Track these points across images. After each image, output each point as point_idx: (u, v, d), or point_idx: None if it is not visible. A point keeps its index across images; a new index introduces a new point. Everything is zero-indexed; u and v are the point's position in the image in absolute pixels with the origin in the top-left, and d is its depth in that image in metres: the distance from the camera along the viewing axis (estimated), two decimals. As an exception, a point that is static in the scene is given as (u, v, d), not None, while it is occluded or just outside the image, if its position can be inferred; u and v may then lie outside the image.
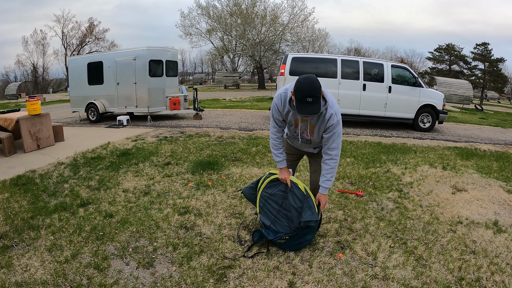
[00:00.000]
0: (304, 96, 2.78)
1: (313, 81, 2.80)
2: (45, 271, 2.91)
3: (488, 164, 6.90)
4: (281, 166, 3.39)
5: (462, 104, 25.75)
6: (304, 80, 2.81)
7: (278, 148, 3.39)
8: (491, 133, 12.23)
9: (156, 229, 3.71)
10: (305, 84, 2.79)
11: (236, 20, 43.76)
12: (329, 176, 3.21)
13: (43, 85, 58.94)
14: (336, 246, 3.44)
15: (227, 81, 44.39)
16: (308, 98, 2.78)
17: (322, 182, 3.26)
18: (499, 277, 2.96)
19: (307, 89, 2.77)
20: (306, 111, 2.84)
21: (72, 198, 4.61)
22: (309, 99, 2.78)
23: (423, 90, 11.15)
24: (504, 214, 4.43)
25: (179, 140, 8.50)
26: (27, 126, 7.50)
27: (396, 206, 4.53)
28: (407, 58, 67.48)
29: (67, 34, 58.34)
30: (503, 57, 48.80)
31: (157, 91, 12.23)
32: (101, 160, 6.52)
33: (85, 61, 12.89)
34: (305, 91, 2.77)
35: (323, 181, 3.25)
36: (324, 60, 11.52)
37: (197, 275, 2.88)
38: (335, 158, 3.19)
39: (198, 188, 5.00)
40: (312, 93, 2.77)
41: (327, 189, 3.27)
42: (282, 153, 3.39)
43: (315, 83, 2.79)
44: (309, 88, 2.77)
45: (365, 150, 7.71)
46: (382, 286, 2.80)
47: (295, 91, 2.83)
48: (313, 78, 2.82)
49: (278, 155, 3.38)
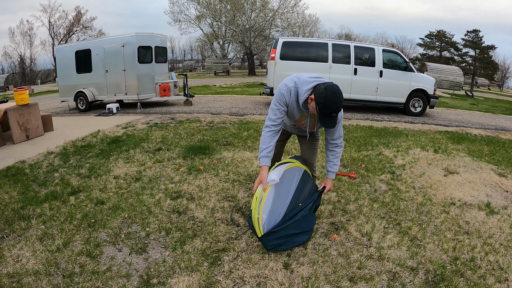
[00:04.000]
0: (331, 112, 2.76)
1: (340, 97, 2.75)
2: (37, 260, 2.87)
3: (479, 148, 6.94)
4: (263, 164, 3.03)
5: (453, 90, 25.89)
6: (333, 96, 2.71)
7: (267, 142, 3.04)
8: (482, 118, 12.32)
9: (148, 215, 3.67)
10: (333, 102, 2.72)
11: (226, 6, 43.24)
12: (335, 161, 3.29)
13: (31, 77, 57.86)
14: (330, 227, 3.43)
15: (217, 68, 44.01)
16: (333, 114, 2.77)
17: (329, 167, 3.31)
18: (493, 257, 2.98)
19: (335, 106, 2.73)
20: (328, 125, 2.86)
21: (62, 186, 4.54)
22: (334, 114, 2.78)
23: (414, 74, 11.14)
24: (496, 196, 4.46)
25: (170, 126, 8.42)
26: (16, 117, 7.35)
27: (389, 188, 4.53)
28: (398, 44, 67.50)
29: (54, 24, 57.17)
30: (494, 44, 49.02)
31: (147, 77, 12.06)
32: (91, 148, 6.44)
33: (73, 49, 12.63)
34: (333, 108, 2.74)
35: (330, 166, 3.30)
36: (315, 44, 11.43)
37: (191, 259, 2.85)
38: (340, 145, 3.28)
39: (190, 173, 4.95)
40: (338, 109, 2.76)
41: (334, 174, 3.32)
42: (270, 151, 3.03)
43: (341, 98, 2.75)
44: (336, 105, 2.73)
45: (356, 134, 7.71)
46: (377, 266, 2.80)
47: (324, 106, 2.73)
48: (339, 92, 2.75)
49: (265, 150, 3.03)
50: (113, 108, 11.43)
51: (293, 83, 2.98)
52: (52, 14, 58.42)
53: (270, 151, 3.04)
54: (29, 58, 59.95)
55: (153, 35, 12.23)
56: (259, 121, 8.96)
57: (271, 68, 11.28)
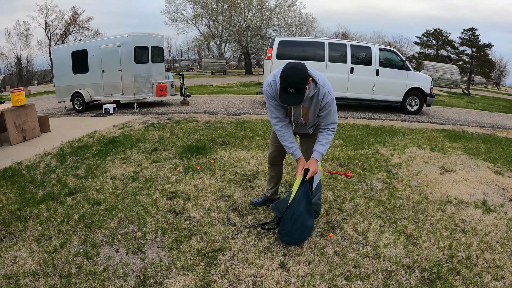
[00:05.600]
0: (287, 86, 2.72)
1: (298, 71, 2.71)
2: (34, 262, 2.86)
3: (475, 146, 6.96)
4: (297, 157, 3.19)
5: (449, 88, 25.95)
6: (289, 70, 2.72)
7: (286, 137, 3.16)
8: (478, 116, 12.35)
9: (145, 215, 3.67)
10: (289, 75, 2.70)
11: (222, 5, 43.21)
12: (324, 142, 3.11)
13: (28, 77, 57.59)
14: (326, 226, 3.44)
15: (214, 67, 43.95)
16: (290, 89, 2.71)
17: (316, 146, 3.13)
18: (489, 255, 2.99)
19: (290, 79, 2.69)
20: (286, 101, 2.80)
21: (59, 187, 4.53)
22: (291, 90, 2.71)
23: (410, 73, 11.17)
24: (492, 194, 4.48)
25: (167, 126, 8.42)
26: (12, 118, 7.34)
27: (385, 186, 4.54)
28: (395, 42, 67.46)
29: (51, 24, 56.97)
30: (491, 43, 49.11)
31: (143, 77, 12.04)
32: (88, 149, 6.43)
33: (69, 49, 12.61)
34: (288, 82, 2.70)
35: (318, 145, 3.13)
36: (312, 43, 11.43)
37: (188, 259, 2.85)
38: (332, 130, 3.15)
39: (187, 173, 4.95)
40: (294, 84, 2.69)
41: (320, 155, 3.11)
42: (292, 142, 3.16)
43: (299, 73, 2.70)
44: (292, 78, 2.69)
45: (353, 132, 7.72)
46: (373, 264, 2.81)
47: (281, 80, 2.75)
48: (299, 68, 2.72)
49: (289, 146, 3.17)
50: (110, 109, 11.41)
51: (272, 76, 3.01)
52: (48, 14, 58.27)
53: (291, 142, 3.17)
54: (25, 58, 59.76)
55: (150, 35, 12.21)
56: (256, 121, 8.96)
57: (268, 68, 11.28)
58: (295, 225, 3.01)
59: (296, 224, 3.01)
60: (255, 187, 4.44)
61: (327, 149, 3.15)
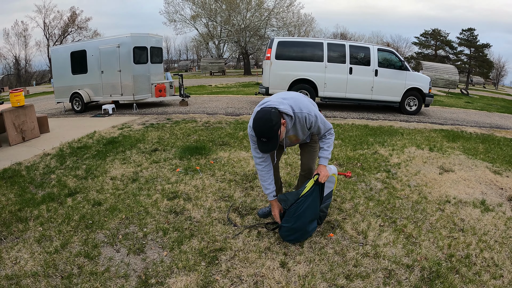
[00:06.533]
0: (259, 136, 2.78)
1: (265, 122, 2.72)
2: (35, 262, 2.87)
3: (474, 146, 6.99)
4: (271, 199, 3.22)
5: (448, 88, 26.01)
6: (258, 121, 2.77)
7: (266, 178, 3.19)
8: (477, 116, 12.38)
9: (145, 215, 3.68)
10: (257, 126, 2.78)
11: (221, 6, 43.21)
12: (326, 147, 3.15)
13: (26, 78, 57.45)
14: (326, 226, 3.46)
15: (212, 68, 44.00)
16: (262, 138, 2.77)
17: (321, 153, 3.17)
18: (488, 254, 3.01)
19: (260, 130, 2.76)
20: (261, 149, 2.85)
21: (59, 188, 4.54)
22: (263, 139, 2.77)
23: (409, 73, 11.18)
24: (491, 194, 4.50)
25: (166, 126, 8.43)
26: (11, 119, 7.34)
27: (384, 186, 4.56)
28: (393, 43, 67.48)
29: (49, 25, 56.79)
30: (489, 43, 49.17)
31: (142, 78, 12.03)
32: (88, 149, 6.43)
33: (68, 50, 12.60)
34: (259, 132, 2.77)
35: (322, 152, 3.17)
36: (310, 44, 11.44)
37: (189, 259, 2.87)
38: (331, 133, 3.16)
39: (187, 173, 4.97)
40: (264, 134, 2.75)
41: (326, 159, 3.15)
42: (271, 183, 3.19)
43: (267, 123, 2.72)
44: (261, 130, 2.75)
45: (352, 133, 7.74)
46: (373, 263, 2.83)
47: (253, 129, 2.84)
48: (266, 118, 2.74)
49: (267, 187, 3.19)
50: (109, 109, 11.41)
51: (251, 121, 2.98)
52: (47, 14, 57.88)
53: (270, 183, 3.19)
54: (24, 59, 59.57)
55: (149, 36, 12.21)
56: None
57: (267, 68, 11.30)
58: (296, 223, 3.02)
59: (297, 222, 3.03)
60: (255, 188, 4.45)
61: (331, 151, 3.18)
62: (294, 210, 3.03)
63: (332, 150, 3.22)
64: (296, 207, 3.03)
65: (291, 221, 3.03)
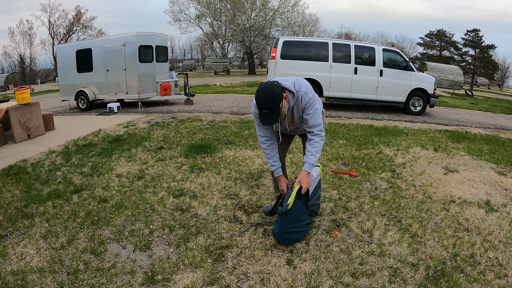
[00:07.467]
0: (261, 108, 2.82)
1: (266, 93, 2.78)
2: (41, 258, 2.89)
3: (479, 146, 6.97)
4: (278, 175, 3.30)
5: (453, 89, 25.92)
6: (258, 93, 2.81)
7: (271, 156, 3.25)
8: (482, 117, 12.34)
9: (151, 212, 3.70)
10: (258, 98, 2.81)
11: (226, 5, 43.24)
12: (313, 151, 3.00)
13: (31, 76, 57.65)
14: (332, 224, 3.46)
15: (217, 67, 44.02)
16: (264, 110, 2.81)
17: (305, 157, 3.05)
18: (492, 254, 3.01)
19: (261, 102, 2.80)
20: (263, 121, 2.89)
21: (65, 185, 4.57)
22: (265, 111, 2.81)
23: (414, 74, 11.16)
24: (495, 194, 4.49)
25: (171, 125, 8.45)
26: (17, 116, 7.38)
27: (389, 186, 4.56)
28: (398, 43, 67.35)
29: (54, 23, 57.04)
30: (494, 44, 49.02)
31: (148, 77, 12.09)
32: (93, 147, 6.47)
33: (74, 48, 12.67)
34: (260, 104, 2.81)
35: (307, 156, 3.03)
36: (315, 43, 11.44)
37: (195, 256, 2.88)
38: (318, 134, 3.04)
39: (192, 171, 4.99)
40: (265, 106, 2.79)
41: (310, 166, 3.00)
42: (276, 161, 3.26)
43: (268, 95, 2.77)
44: (262, 101, 2.79)
45: (357, 133, 7.74)
46: (378, 262, 2.83)
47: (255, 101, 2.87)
48: (267, 90, 2.80)
49: (272, 164, 3.27)
50: (114, 107, 11.46)
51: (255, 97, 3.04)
52: (52, 13, 58.38)
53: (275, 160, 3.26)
54: (29, 57, 59.89)
55: (154, 35, 12.25)
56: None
57: (272, 68, 11.30)
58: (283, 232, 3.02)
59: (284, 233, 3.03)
60: (261, 186, 4.47)
61: (318, 157, 3.05)
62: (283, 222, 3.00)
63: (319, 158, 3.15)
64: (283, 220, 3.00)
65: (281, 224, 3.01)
